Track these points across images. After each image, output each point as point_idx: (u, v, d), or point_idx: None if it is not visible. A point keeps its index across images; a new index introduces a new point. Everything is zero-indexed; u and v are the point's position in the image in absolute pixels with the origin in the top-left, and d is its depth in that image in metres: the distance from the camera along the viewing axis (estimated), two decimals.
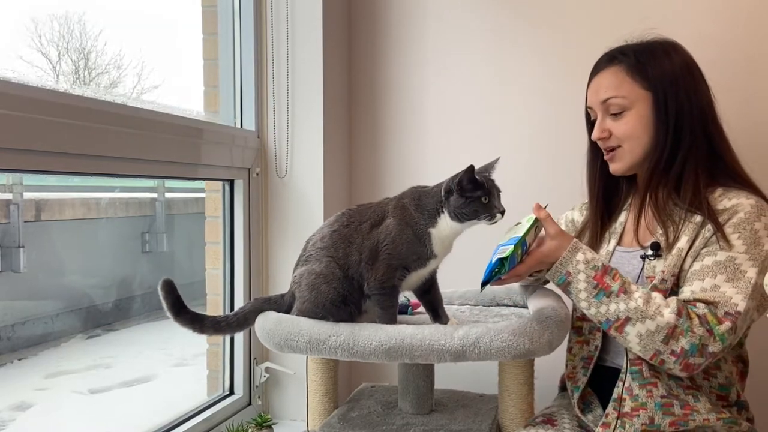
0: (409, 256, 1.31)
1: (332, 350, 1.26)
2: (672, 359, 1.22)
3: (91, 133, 1.37)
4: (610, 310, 1.24)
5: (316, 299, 1.33)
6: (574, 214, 1.64)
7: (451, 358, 1.22)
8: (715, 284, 1.24)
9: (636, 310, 1.23)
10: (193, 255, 2.29)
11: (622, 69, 1.38)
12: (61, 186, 2.39)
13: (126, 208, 2.75)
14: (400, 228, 1.31)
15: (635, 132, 1.37)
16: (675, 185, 1.35)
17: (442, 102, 2.18)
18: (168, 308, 1.35)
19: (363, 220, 1.36)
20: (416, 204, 1.33)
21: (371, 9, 2.23)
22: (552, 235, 1.31)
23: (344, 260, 1.33)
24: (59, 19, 1.96)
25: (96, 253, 2.71)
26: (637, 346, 1.24)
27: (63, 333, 2.69)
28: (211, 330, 1.40)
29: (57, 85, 2.01)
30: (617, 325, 1.24)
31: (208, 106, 2.06)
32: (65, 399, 2.56)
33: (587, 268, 1.27)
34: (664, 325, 1.21)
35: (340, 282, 1.32)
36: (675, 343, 1.21)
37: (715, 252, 1.26)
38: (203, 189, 2.09)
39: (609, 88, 1.38)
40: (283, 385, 2.07)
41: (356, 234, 1.34)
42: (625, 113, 1.38)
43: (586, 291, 1.26)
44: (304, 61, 2.03)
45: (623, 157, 1.41)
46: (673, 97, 1.34)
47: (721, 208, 1.30)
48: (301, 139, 2.04)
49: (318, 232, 1.40)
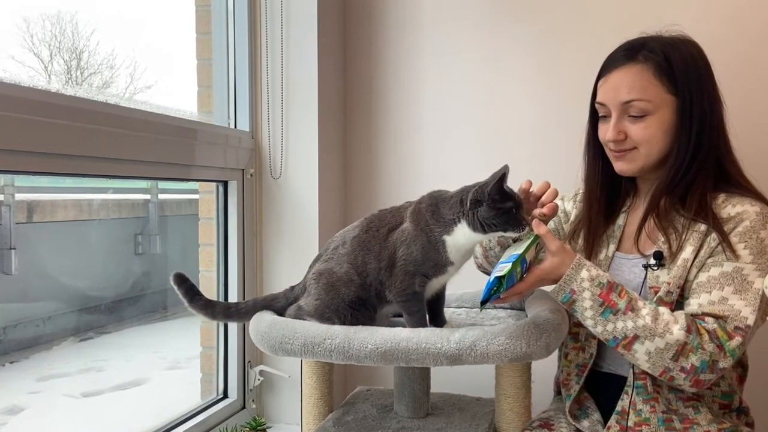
0: (425, 263, 1.28)
1: (327, 353, 1.24)
2: (682, 376, 1.19)
3: (83, 134, 1.36)
4: (617, 328, 1.21)
5: (331, 301, 1.32)
6: (566, 205, 1.58)
7: (448, 361, 1.20)
8: (723, 296, 1.21)
9: (644, 328, 1.19)
10: (187, 257, 2.28)
11: (648, 69, 1.29)
12: (54, 187, 2.38)
13: (119, 210, 2.73)
14: (415, 234, 1.29)
15: (655, 137, 1.30)
16: (681, 194, 1.30)
17: (438, 102, 2.17)
18: (182, 296, 1.40)
19: (381, 225, 1.34)
20: (432, 210, 1.29)
21: (367, 8, 2.22)
22: (553, 252, 1.23)
23: (363, 267, 1.32)
24: (51, 18, 1.95)
25: (88, 255, 2.70)
26: (646, 363, 1.21)
27: (55, 336, 2.69)
28: (222, 316, 1.45)
29: (49, 85, 2.01)
30: (625, 343, 1.21)
31: (202, 106, 2.05)
32: (57, 402, 2.55)
33: (592, 286, 1.21)
34: (674, 343, 1.17)
35: (358, 288, 1.32)
36: (685, 360, 1.18)
37: (722, 262, 1.23)
38: (197, 190, 2.07)
39: (633, 90, 1.29)
40: (278, 388, 2.05)
41: (374, 240, 1.32)
42: (646, 117, 1.29)
43: (592, 309, 1.21)
44: (298, 60, 2.01)
45: (636, 159, 1.34)
46: (699, 103, 1.28)
47: (725, 216, 1.26)
48: (296, 140, 2.03)
49: (340, 236, 1.39)
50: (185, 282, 1.40)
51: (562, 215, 1.57)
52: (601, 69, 1.37)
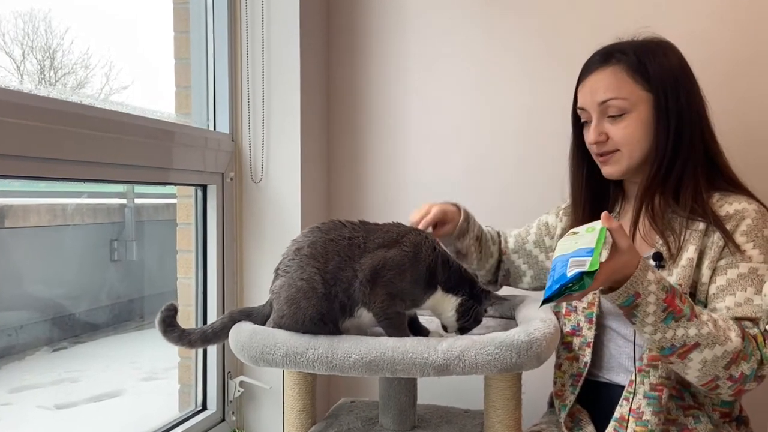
0: (406, 293, 1.25)
1: (310, 364, 1.21)
2: (728, 384, 1.17)
3: (57, 136, 1.33)
4: (677, 335, 1.14)
5: (295, 315, 1.26)
6: (548, 218, 1.59)
7: (435, 372, 1.17)
8: (747, 297, 1.21)
9: (708, 336, 1.14)
10: (164, 264, 2.25)
11: (621, 68, 1.32)
12: (26, 191, 2.33)
13: (94, 215, 2.69)
14: (413, 264, 1.25)
15: (635, 136, 1.32)
16: (673, 192, 1.31)
17: (424, 104, 2.14)
18: (157, 324, 1.33)
19: (370, 239, 1.27)
20: (444, 261, 1.28)
21: (351, 7, 2.19)
22: (623, 249, 1.12)
23: (332, 274, 1.24)
24: (23, 16, 1.90)
25: (62, 261, 2.66)
26: (696, 372, 1.17)
27: (27, 345, 2.64)
28: (200, 342, 1.35)
29: (21, 86, 1.97)
30: (682, 351, 1.15)
31: (180, 107, 2.01)
32: (30, 414, 2.51)
33: (658, 289, 1.14)
34: (732, 350, 1.14)
35: (320, 300, 1.24)
36: (735, 368, 1.15)
37: (737, 264, 1.23)
38: (174, 195, 2.03)
39: (608, 89, 1.32)
40: (259, 400, 2.01)
41: (358, 251, 1.25)
42: (625, 116, 1.32)
43: (655, 315, 1.14)
44: (280, 59, 1.97)
45: (620, 161, 1.35)
46: (674, 98, 1.30)
47: (724, 215, 1.26)
48: (278, 143, 1.99)
49: (306, 236, 1.30)
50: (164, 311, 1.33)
51: (543, 228, 1.58)
52: (579, 76, 1.41)
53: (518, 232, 1.63)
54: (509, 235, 1.64)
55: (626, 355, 1.35)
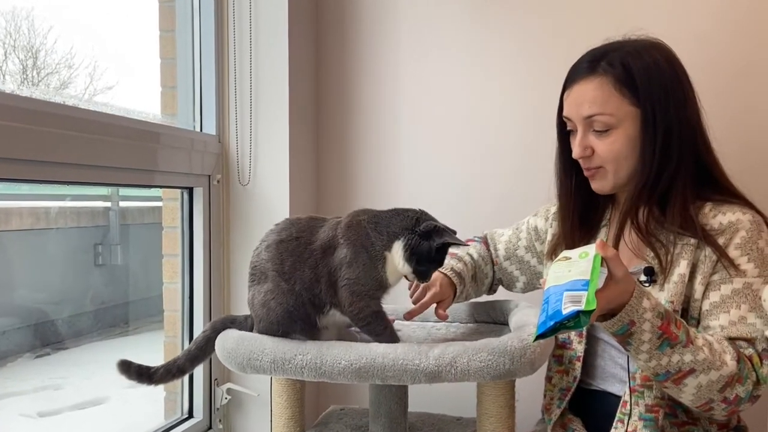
0: (368, 282, 1.22)
1: (298, 370, 1.19)
2: (722, 407, 1.14)
3: (40, 138, 1.30)
4: (672, 362, 1.11)
5: (269, 316, 1.26)
6: (537, 221, 1.55)
7: (426, 379, 1.15)
8: (741, 315, 1.18)
9: (704, 362, 1.11)
10: (150, 268, 2.22)
11: (608, 81, 1.26)
12: (8, 194, 2.30)
13: (77, 218, 2.66)
14: (355, 252, 1.22)
15: (622, 153, 1.27)
16: (660, 206, 1.26)
17: (415, 105, 2.12)
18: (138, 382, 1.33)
19: (313, 239, 1.26)
20: (376, 222, 1.24)
21: (340, 6, 2.17)
22: (619, 278, 1.08)
23: (290, 275, 1.25)
24: (5, 14, 1.86)
25: (45, 266, 2.62)
26: (691, 396, 1.14)
27: (9, 352, 2.60)
28: (189, 365, 1.34)
29: (3, 86, 1.93)
30: (677, 377, 1.12)
31: (166, 108, 1.98)
32: (12, 423, 2.46)
33: (653, 317, 1.10)
34: (727, 375, 1.12)
35: (286, 296, 1.24)
36: (731, 391, 1.13)
37: (731, 279, 1.19)
38: (160, 197, 2.00)
39: (594, 104, 1.26)
40: (246, 407, 1.98)
41: (306, 252, 1.25)
42: (611, 131, 1.27)
43: (650, 342, 1.10)
44: (268, 59, 1.95)
45: (606, 177, 1.31)
46: (663, 113, 1.24)
47: (717, 227, 1.22)
48: (266, 144, 1.96)
49: (264, 239, 1.32)
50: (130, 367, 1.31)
51: (532, 232, 1.55)
52: (565, 81, 1.35)
53: (508, 238, 1.60)
54: (498, 241, 1.61)
55: (620, 366, 1.33)
